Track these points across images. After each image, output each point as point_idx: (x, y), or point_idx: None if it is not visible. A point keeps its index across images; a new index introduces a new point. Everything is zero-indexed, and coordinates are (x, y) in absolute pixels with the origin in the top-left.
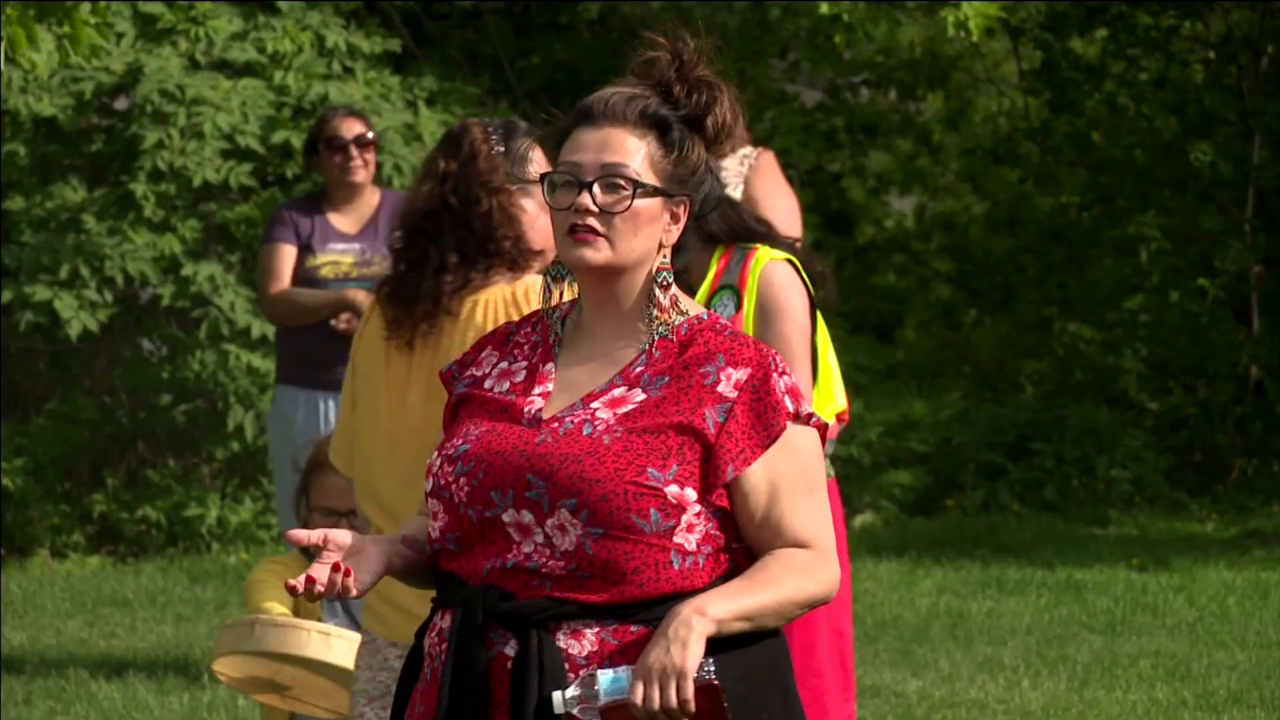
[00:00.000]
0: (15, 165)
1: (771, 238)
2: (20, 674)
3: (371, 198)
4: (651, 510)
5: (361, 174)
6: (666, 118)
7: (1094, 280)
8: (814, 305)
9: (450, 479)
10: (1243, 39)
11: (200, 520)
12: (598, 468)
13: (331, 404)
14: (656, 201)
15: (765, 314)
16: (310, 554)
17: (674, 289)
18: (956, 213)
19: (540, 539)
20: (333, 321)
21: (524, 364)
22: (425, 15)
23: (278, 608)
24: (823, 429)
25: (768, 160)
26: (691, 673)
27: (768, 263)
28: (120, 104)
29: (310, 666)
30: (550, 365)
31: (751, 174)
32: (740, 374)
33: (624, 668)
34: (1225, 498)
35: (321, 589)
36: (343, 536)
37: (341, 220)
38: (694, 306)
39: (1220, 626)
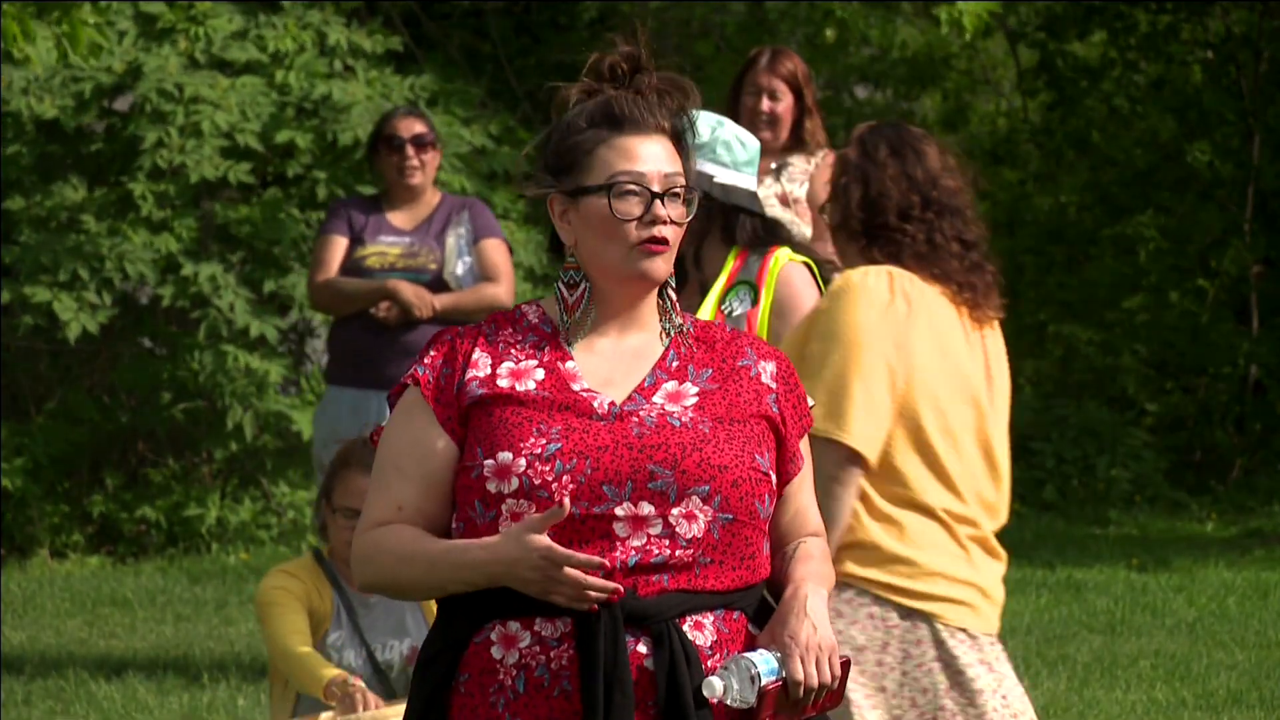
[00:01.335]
0: (15, 165)
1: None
2: (20, 674)
3: (431, 198)
4: (765, 496)
5: (418, 176)
6: (684, 127)
7: (1093, 280)
8: None
9: (549, 478)
10: (1242, 39)
11: (200, 520)
12: (719, 454)
13: (377, 402)
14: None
15: (782, 312)
16: (322, 557)
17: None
18: None
19: (657, 530)
20: (372, 310)
21: (534, 362)
22: (425, 15)
23: (302, 646)
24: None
25: (832, 160)
26: (838, 648)
27: (787, 263)
28: (120, 104)
29: None
30: (571, 364)
31: (816, 173)
32: (772, 366)
33: (764, 650)
34: (1225, 497)
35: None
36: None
37: (397, 217)
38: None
39: (1220, 626)
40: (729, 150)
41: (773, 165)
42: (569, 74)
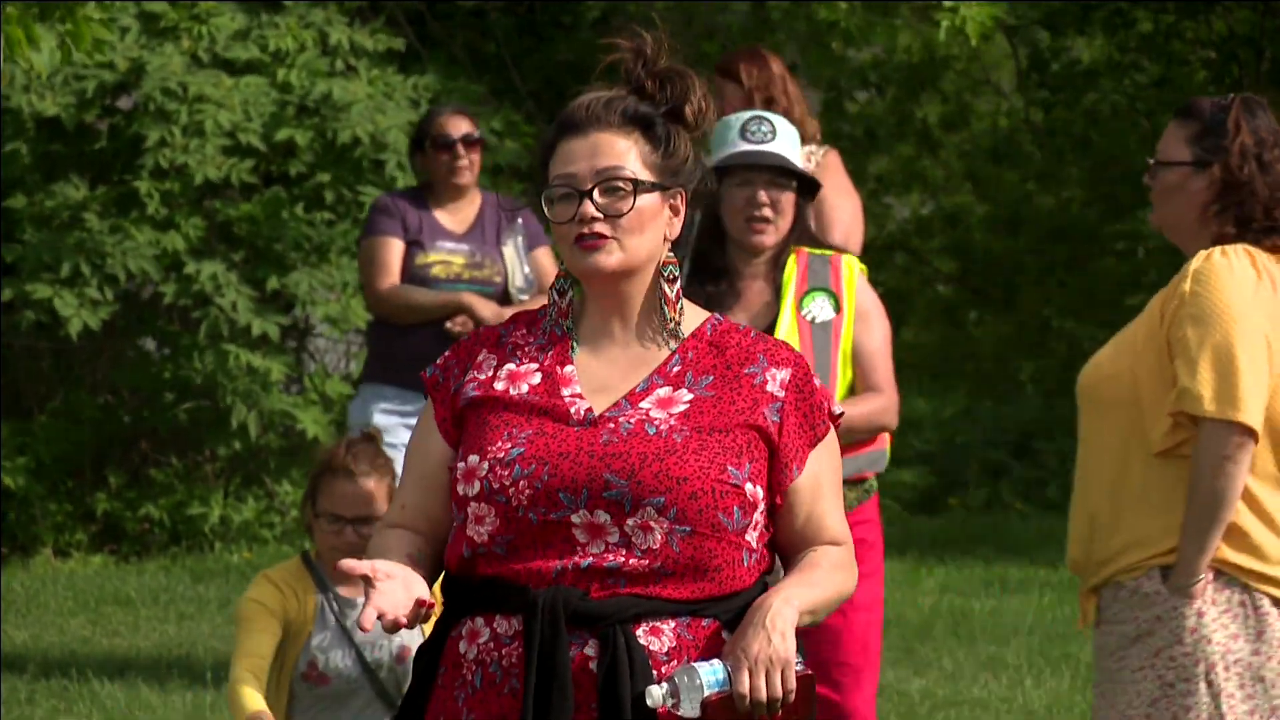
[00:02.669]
0: (17, 163)
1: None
2: (23, 673)
3: (474, 198)
4: (734, 508)
5: (467, 175)
6: (649, 114)
7: (1096, 279)
8: None
9: (507, 482)
10: (1244, 38)
11: (203, 519)
12: (681, 466)
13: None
14: (656, 197)
15: (866, 320)
16: (310, 560)
17: (679, 284)
18: (963, 206)
19: (615, 539)
20: (448, 324)
21: (534, 365)
22: (429, 14)
23: (245, 672)
24: (839, 423)
25: (834, 159)
26: (794, 662)
27: (858, 270)
28: (123, 102)
29: None
30: (570, 368)
31: (819, 171)
32: (784, 374)
33: (716, 661)
34: None
35: (405, 622)
36: (391, 567)
37: (448, 219)
38: (694, 308)
39: None
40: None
41: None
42: (573, 73)
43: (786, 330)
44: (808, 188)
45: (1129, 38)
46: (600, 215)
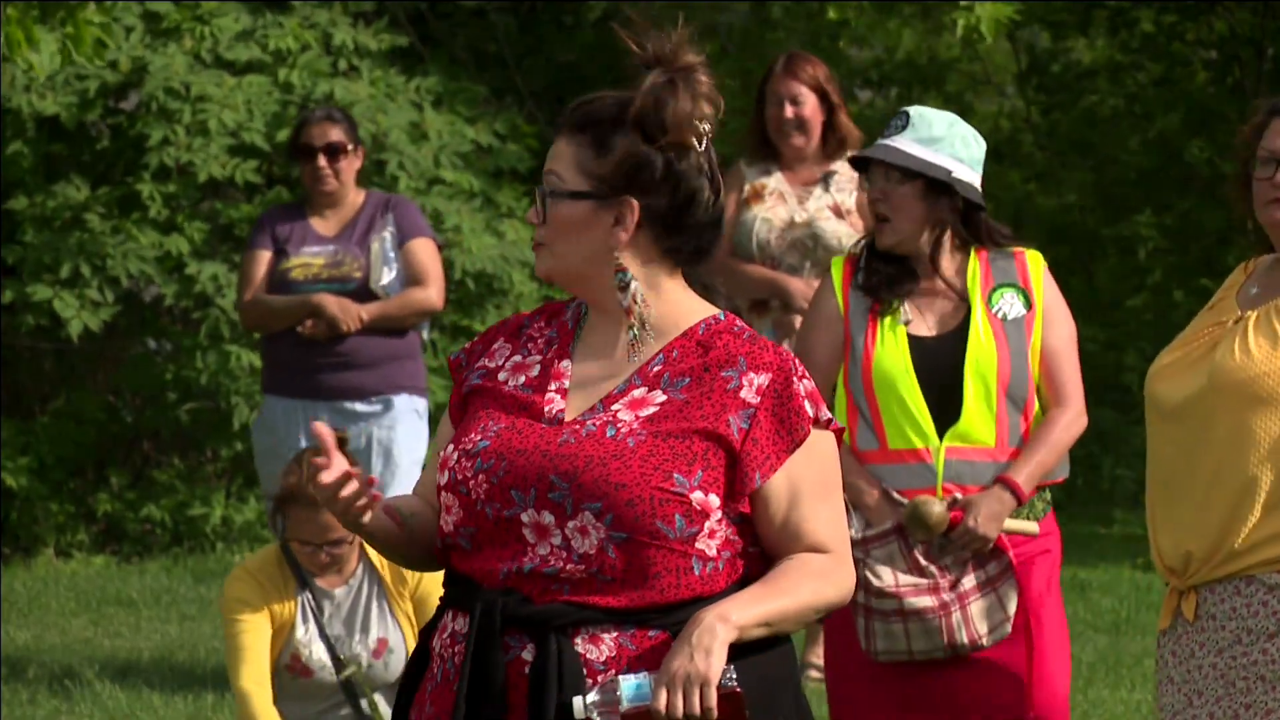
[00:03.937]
0: (18, 164)
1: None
2: (24, 673)
3: (355, 199)
4: (676, 516)
5: (331, 183)
6: (596, 117)
7: (1097, 279)
8: None
9: (469, 474)
10: (1245, 38)
11: (205, 520)
12: (623, 472)
13: (313, 412)
14: (584, 206)
15: (1048, 316)
16: (289, 552)
17: (634, 289)
18: None
19: (558, 541)
20: (299, 328)
21: (538, 358)
22: (430, 14)
23: (252, 685)
24: (839, 432)
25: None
26: (715, 680)
27: (1043, 264)
28: (125, 102)
29: None
30: (566, 362)
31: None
32: (762, 379)
33: (644, 674)
34: None
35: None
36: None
37: (322, 223)
38: (702, 305)
39: None
40: (966, 146)
41: (819, 175)
42: (574, 73)
43: (982, 331)
44: (960, 184)
45: (1130, 38)
46: (539, 220)
